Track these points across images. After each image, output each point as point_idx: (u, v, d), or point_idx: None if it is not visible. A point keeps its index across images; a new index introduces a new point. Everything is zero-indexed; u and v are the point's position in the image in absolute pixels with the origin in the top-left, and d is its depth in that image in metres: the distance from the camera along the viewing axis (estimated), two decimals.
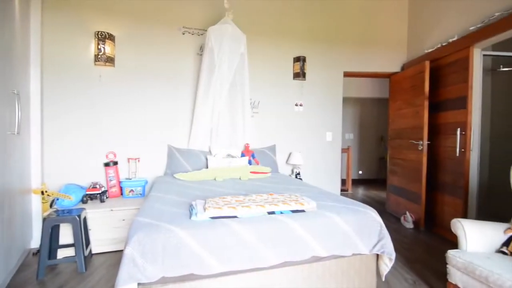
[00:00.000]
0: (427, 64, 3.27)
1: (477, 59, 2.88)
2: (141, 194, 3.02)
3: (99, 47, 2.88)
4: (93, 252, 2.53)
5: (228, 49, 3.16)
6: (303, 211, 1.72)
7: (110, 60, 2.97)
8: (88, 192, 2.74)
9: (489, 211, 3.31)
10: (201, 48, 3.35)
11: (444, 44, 3.20)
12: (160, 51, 3.25)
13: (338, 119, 3.94)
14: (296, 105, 3.78)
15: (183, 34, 3.33)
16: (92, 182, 2.88)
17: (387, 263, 1.78)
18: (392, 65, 4.00)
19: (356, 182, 6.64)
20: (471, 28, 2.83)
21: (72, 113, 2.96)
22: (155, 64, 3.23)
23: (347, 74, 3.98)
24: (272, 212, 1.66)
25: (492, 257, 1.68)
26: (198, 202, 1.75)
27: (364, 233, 1.73)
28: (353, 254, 1.72)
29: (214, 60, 3.15)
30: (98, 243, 2.55)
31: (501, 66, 3.42)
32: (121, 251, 1.42)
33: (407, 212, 3.53)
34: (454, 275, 1.77)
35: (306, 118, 3.82)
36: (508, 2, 2.47)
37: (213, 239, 1.45)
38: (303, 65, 3.67)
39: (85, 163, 3.00)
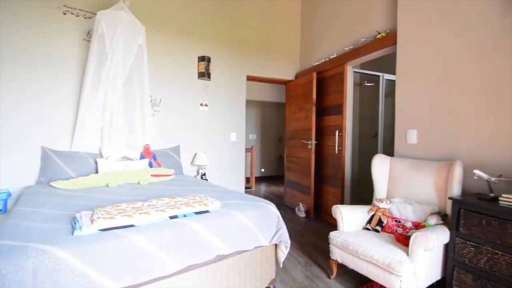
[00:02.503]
0: (314, 75, 3.79)
1: (350, 74, 3.53)
2: (1, 211, 2.36)
3: None
4: None
5: (123, 40, 2.84)
6: (207, 211, 1.71)
7: None
8: None
9: (359, 196, 4.12)
10: (89, 34, 2.89)
11: (326, 59, 3.79)
12: (32, 31, 2.62)
13: (242, 120, 4.11)
14: (201, 105, 3.74)
15: (64, 14, 2.79)
16: None
17: (284, 251, 1.97)
18: (288, 73, 4.46)
19: (259, 180, 7.11)
20: (345, 49, 3.45)
21: None
22: (24, 46, 2.59)
23: (250, 78, 4.20)
24: (175, 216, 1.58)
25: (360, 233, 2.09)
26: (83, 214, 1.49)
27: (264, 226, 1.85)
28: (255, 247, 1.82)
29: (105, 50, 2.76)
30: None
31: (366, 81, 4.33)
32: None
33: (300, 203, 4.00)
34: (335, 252, 2.12)
35: (211, 118, 3.82)
36: (370, 31, 3.13)
37: (104, 254, 1.26)
38: (208, 65, 3.66)
39: None
